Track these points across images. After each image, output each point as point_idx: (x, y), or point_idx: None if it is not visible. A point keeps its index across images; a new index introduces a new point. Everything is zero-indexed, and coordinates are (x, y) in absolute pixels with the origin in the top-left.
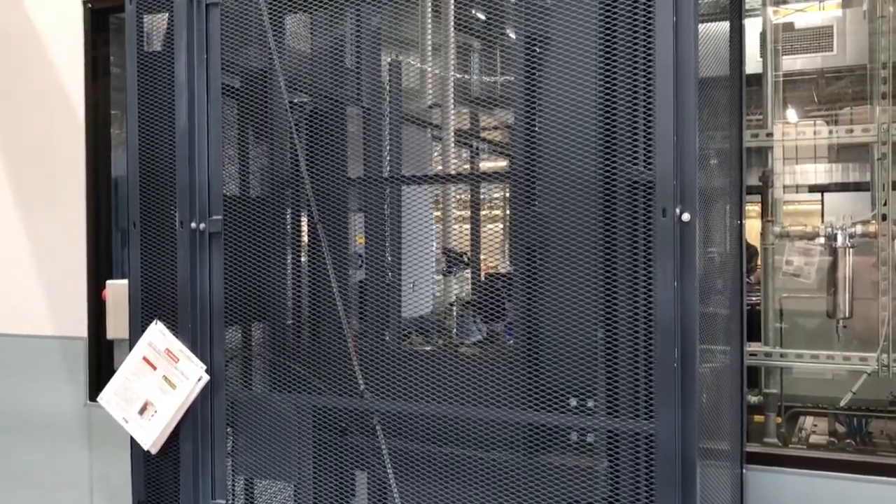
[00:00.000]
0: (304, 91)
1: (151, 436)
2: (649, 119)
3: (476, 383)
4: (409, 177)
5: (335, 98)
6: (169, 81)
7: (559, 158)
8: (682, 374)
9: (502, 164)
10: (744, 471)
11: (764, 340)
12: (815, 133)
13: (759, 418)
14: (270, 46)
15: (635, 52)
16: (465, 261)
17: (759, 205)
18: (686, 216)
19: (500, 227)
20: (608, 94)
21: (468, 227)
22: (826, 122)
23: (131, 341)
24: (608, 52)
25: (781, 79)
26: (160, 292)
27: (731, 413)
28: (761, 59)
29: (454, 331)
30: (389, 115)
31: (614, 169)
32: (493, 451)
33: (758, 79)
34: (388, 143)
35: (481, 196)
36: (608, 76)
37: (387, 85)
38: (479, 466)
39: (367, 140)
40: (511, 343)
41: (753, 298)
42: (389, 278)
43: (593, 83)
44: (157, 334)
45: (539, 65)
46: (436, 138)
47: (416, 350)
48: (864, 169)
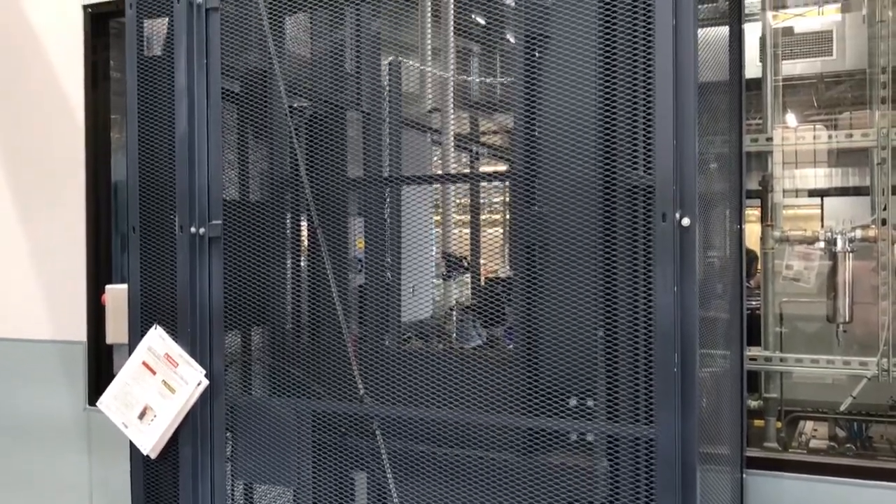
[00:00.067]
0: (304, 95)
1: (151, 440)
2: (649, 124)
3: (476, 387)
4: (408, 177)
5: (335, 102)
6: (169, 86)
7: (559, 163)
8: (682, 379)
9: (502, 168)
10: (744, 475)
11: (764, 345)
12: (814, 137)
13: (759, 423)
14: (270, 51)
15: (635, 56)
16: (465, 265)
17: (759, 209)
18: (686, 221)
19: (500, 232)
20: (608, 98)
21: (468, 231)
22: (826, 127)
23: (131, 346)
24: (608, 56)
25: (781, 83)
26: (160, 297)
27: (731, 417)
28: (761, 63)
29: (454, 335)
30: (389, 116)
31: (614, 173)
32: (492, 452)
33: (757, 83)
34: (387, 147)
35: (481, 201)
36: (608, 81)
37: (386, 86)
38: (479, 467)
39: (367, 144)
40: (511, 347)
41: (753, 303)
42: (389, 281)
43: (593, 88)
44: (157, 339)
45: (538, 69)
46: (435, 142)
47: (415, 351)
48: (864, 173)
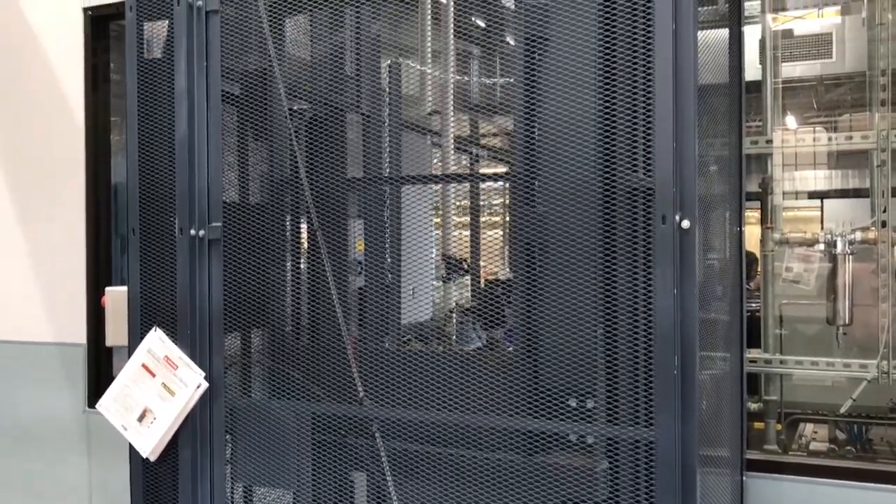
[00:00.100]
0: (304, 98)
1: (150, 443)
2: (649, 126)
3: (476, 389)
4: (407, 176)
5: (334, 104)
6: (169, 88)
7: (559, 165)
8: (682, 382)
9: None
10: (744, 478)
11: (764, 347)
12: (814, 140)
13: (759, 425)
14: (270, 53)
15: (635, 59)
16: (465, 267)
17: (759, 211)
18: (686, 223)
19: (500, 234)
20: (608, 101)
21: (468, 233)
22: (825, 129)
23: (130, 348)
24: (608, 59)
25: (781, 86)
26: (159, 299)
27: (731, 420)
28: (760, 66)
29: (454, 337)
30: (389, 117)
31: (614, 176)
32: (492, 453)
33: (757, 86)
34: (387, 149)
35: (481, 203)
36: (607, 83)
37: (386, 87)
38: (479, 468)
39: (367, 146)
40: (511, 350)
41: (753, 305)
42: (389, 282)
43: (593, 91)
44: (157, 341)
45: (538, 72)
46: (435, 145)
47: (414, 352)
48: (864, 175)
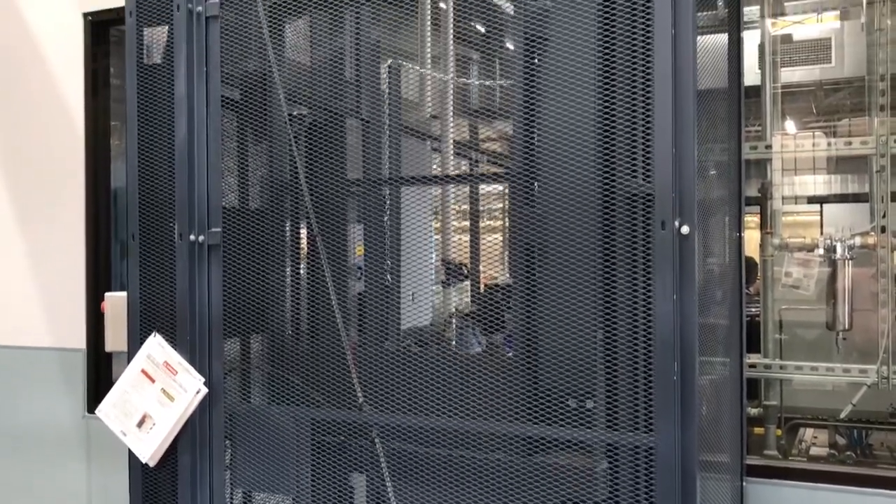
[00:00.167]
0: (304, 103)
1: (150, 449)
2: (648, 132)
3: (476, 393)
4: (408, 178)
5: (334, 109)
6: (168, 94)
7: (558, 170)
8: (682, 387)
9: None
10: (744, 483)
11: (763, 352)
12: (813, 145)
13: (758, 430)
14: (270, 58)
15: (634, 64)
16: (465, 272)
17: (759, 216)
18: (685, 229)
19: (500, 239)
20: (607, 107)
21: (467, 238)
22: (825, 134)
23: (130, 354)
24: (607, 64)
25: (780, 90)
26: (159, 304)
27: (731, 425)
28: (760, 70)
29: (453, 342)
30: (388, 118)
31: (613, 181)
32: (491, 453)
33: (756, 91)
34: (386, 151)
35: (480, 208)
36: (607, 89)
37: (386, 89)
38: (479, 469)
39: (367, 150)
40: (510, 355)
41: (753, 310)
42: (389, 284)
43: (592, 96)
44: (156, 347)
45: (538, 77)
46: (435, 150)
47: (413, 354)
48: (863, 180)
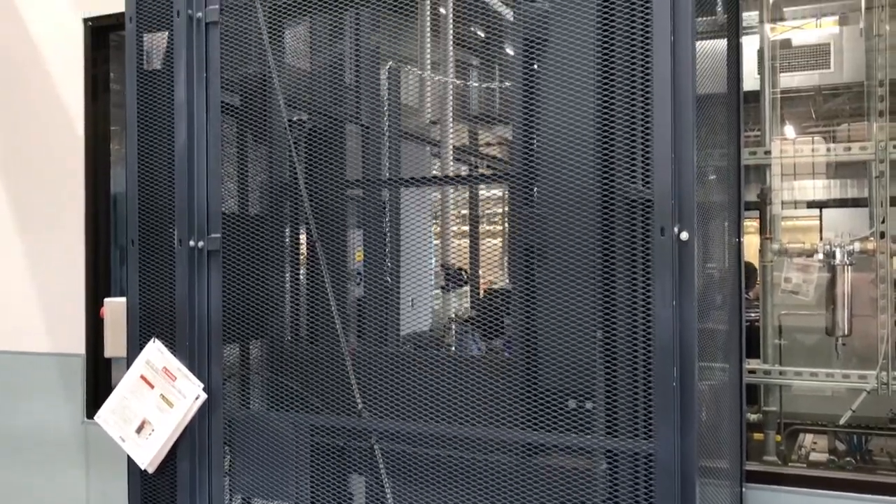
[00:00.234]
0: (303, 108)
1: (148, 455)
2: (647, 137)
3: (475, 398)
4: (405, 179)
5: (334, 114)
6: (168, 100)
7: (558, 176)
8: (682, 393)
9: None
10: (743, 489)
11: (763, 358)
12: (812, 150)
13: (758, 436)
14: (269, 64)
15: (633, 70)
16: (464, 277)
17: (758, 221)
18: (684, 235)
19: (499, 244)
20: (607, 112)
21: (467, 243)
22: (824, 139)
23: (129, 360)
24: (606, 70)
25: (779, 96)
26: (158, 310)
27: (731, 431)
28: (759, 76)
29: (453, 347)
30: (388, 118)
31: (613, 187)
32: (491, 454)
33: (756, 96)
34: (386, 155)
35: (479, 213)
36: (606, 95)
37: (385, 91)
38: (478, 470)
39: (366, 154)
40: (509, 358)
41: (752, 315)
42: (388, 290)
43: (592, 102)
44: (155, 353)
45: (537, 83)
46: (435, 155)
47: (412, 355)
48: (863, 184)
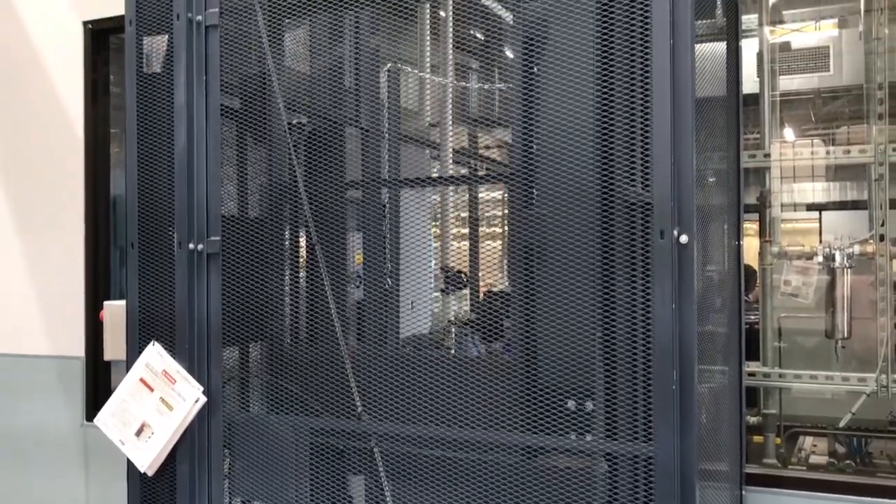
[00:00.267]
0: (303, 111)
1: (148, 458)
2: (647, 141)
3: (474, 401)
4: (404, 179)
5: (333, 117)
6: (168, 103)
7: (558, 179)
8: (681, 396)
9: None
10: (743, 492)
11: (763, 360)
12: (812, 153)
13: (758, 439)
14: (269, 67)
15: (633, 73)
16: (464, 280)
17: (758, 223)
18: (684, 238)
19: (498, 246)
20: (606, 116)
21: (466, 246)
22: (823, 141)
23: (128, 362)
24: (606, 73)
25: (778, 98)
26: (158, 313)
27: (730, 434)
28: (758, 79)
29: (452, 350)
30: (388, 122)
31: (612, 190)
32: (489, 454)
33: (755, 99)
34: (386, 157)
35: (479, 216)
36: (606, 98)
37: (385, 91)
38: (477, 470)
39: (366, 157)
40: (509, 360)
41: (752, 318)
42: (388, 292)
43: (591, 105)
44: (155, 355)
45: (537, 86)
46: (434, 158)
47: (411, 356)
48: (862, 187)
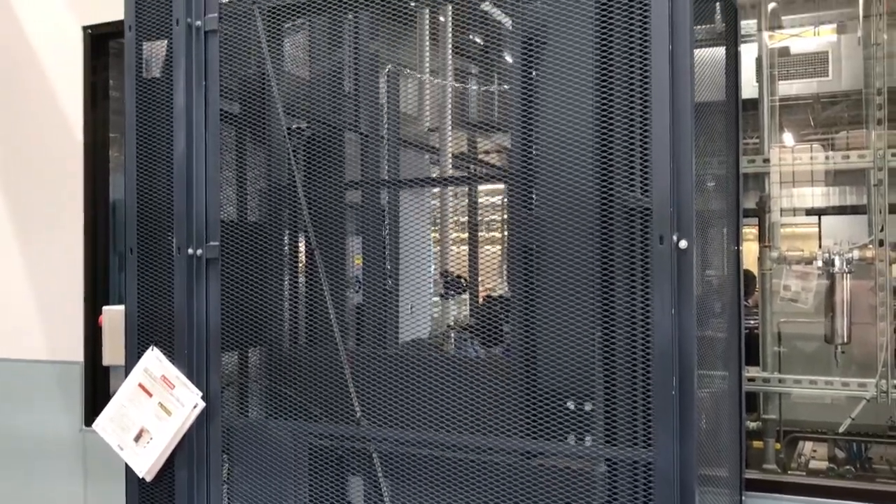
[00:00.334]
0: (302, 116)
1: (147, 463)
2: (646, 146)
3: (474, 403)
4: (404, 180)
5: (333, 122)
6: (167, 108)
7: (557, 184)
8: (681, 401)
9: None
10: (743, 498)
11: (762, 365)
12: (811, 158)
13: (757, 444)
14: (269, 72)
15: (632, 79)
16: (463, 285)
17: (757, 228)
18: (683, 243)
19: (498, 252)
20: (605, 121)
21: (465, 251)
22: (822, 146)
23: (127, 367)
24: (605, 80)
25: (777, 103)
26: (157, 318)
27: (730, 439)
28: (757, 84)
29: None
30: (387, 124)
31: (612, 196)
32: (488, 455)
33: (754, 104)
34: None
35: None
36: (605, 104)
37: (384, 95)
38: (475, 471)
39: (365, 161)
40: (508, 364)
41: (751, 322)
42: (387, 297)
43: (590, 111)
44: (154, 361)
45: (536, 91)
46: (434, 163)
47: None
48: (861, 192)
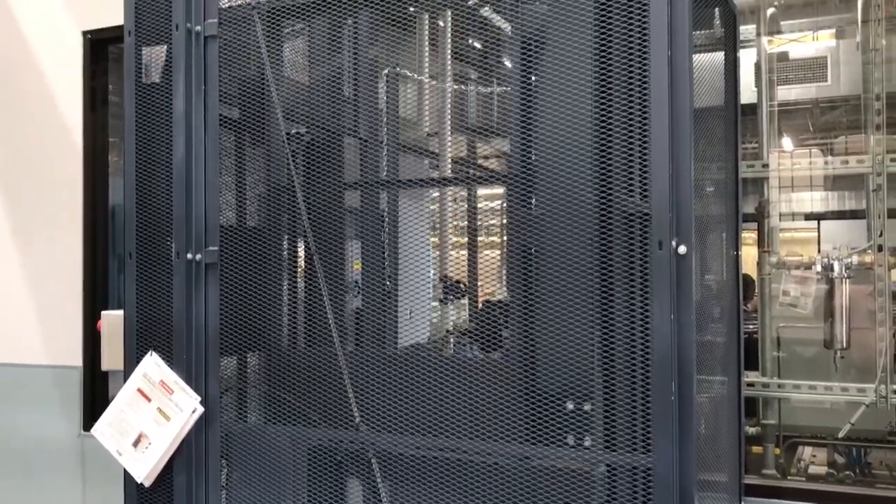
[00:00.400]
0: (301, 121)
1: (145, 468)
2: (645, 151)
3: (474, 406)
4: (407, 180)
5: (332, 126)
6: (167, 113)
7: (556, 189)
8: (680, 406)
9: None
10: (742, 503)
11: (762, 370)
12: (810, 163)
13: (757, 449)
14: (268, 77)
15: (631, 85)
16: (462, 290)
17: (756, 233)
18: (682, 249)
19: (497, 257)
20: (604, 127)
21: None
22: (821, 151)
23: (126, 373)
24: (604, 85)
25: (776, 108)
26: (156, 323)
27: (729, 444)
28: (756, 88)
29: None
30: (386, 129)
31: (611, 201)
32: (486, 456)
33: (753, 108)
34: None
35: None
36: (604, 109)
37: (384, 96)
38: (475, 471)
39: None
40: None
41: (750, 327)
42: (386, 301)
43: (589, 116)
44: (152, 366)
45: (535, 96)
46: (433, 168)
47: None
48: (860, 197)
